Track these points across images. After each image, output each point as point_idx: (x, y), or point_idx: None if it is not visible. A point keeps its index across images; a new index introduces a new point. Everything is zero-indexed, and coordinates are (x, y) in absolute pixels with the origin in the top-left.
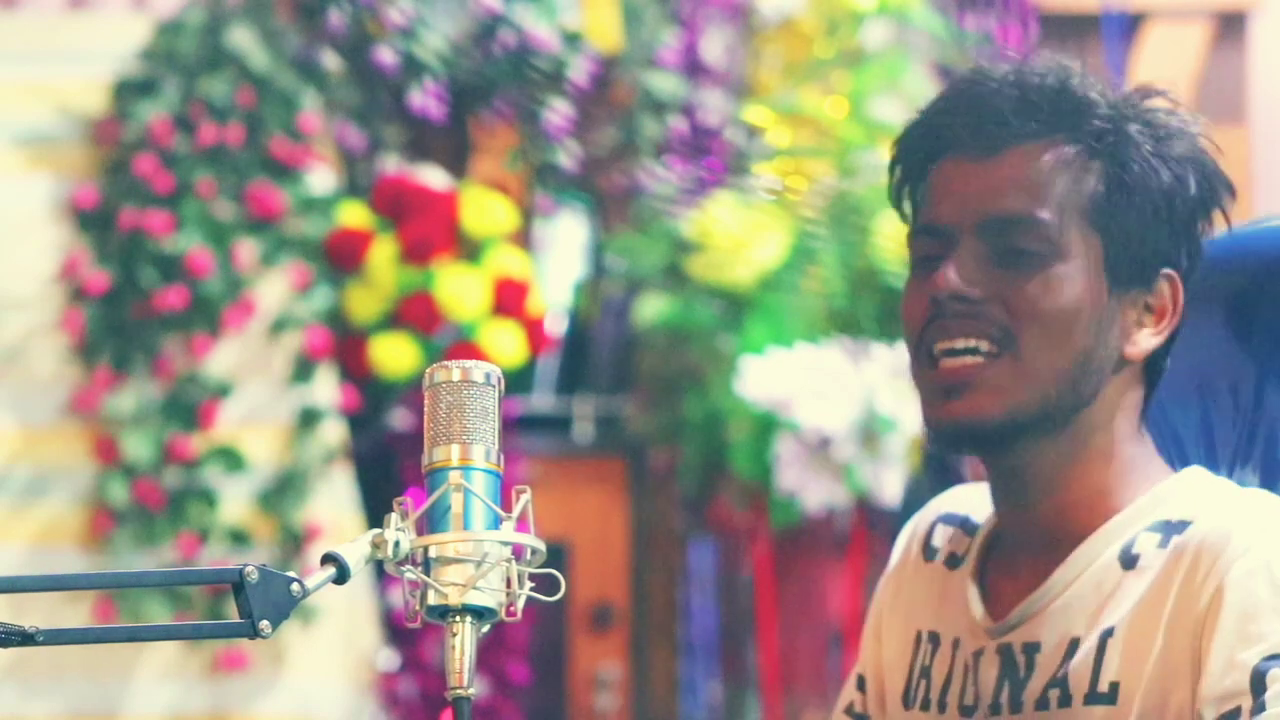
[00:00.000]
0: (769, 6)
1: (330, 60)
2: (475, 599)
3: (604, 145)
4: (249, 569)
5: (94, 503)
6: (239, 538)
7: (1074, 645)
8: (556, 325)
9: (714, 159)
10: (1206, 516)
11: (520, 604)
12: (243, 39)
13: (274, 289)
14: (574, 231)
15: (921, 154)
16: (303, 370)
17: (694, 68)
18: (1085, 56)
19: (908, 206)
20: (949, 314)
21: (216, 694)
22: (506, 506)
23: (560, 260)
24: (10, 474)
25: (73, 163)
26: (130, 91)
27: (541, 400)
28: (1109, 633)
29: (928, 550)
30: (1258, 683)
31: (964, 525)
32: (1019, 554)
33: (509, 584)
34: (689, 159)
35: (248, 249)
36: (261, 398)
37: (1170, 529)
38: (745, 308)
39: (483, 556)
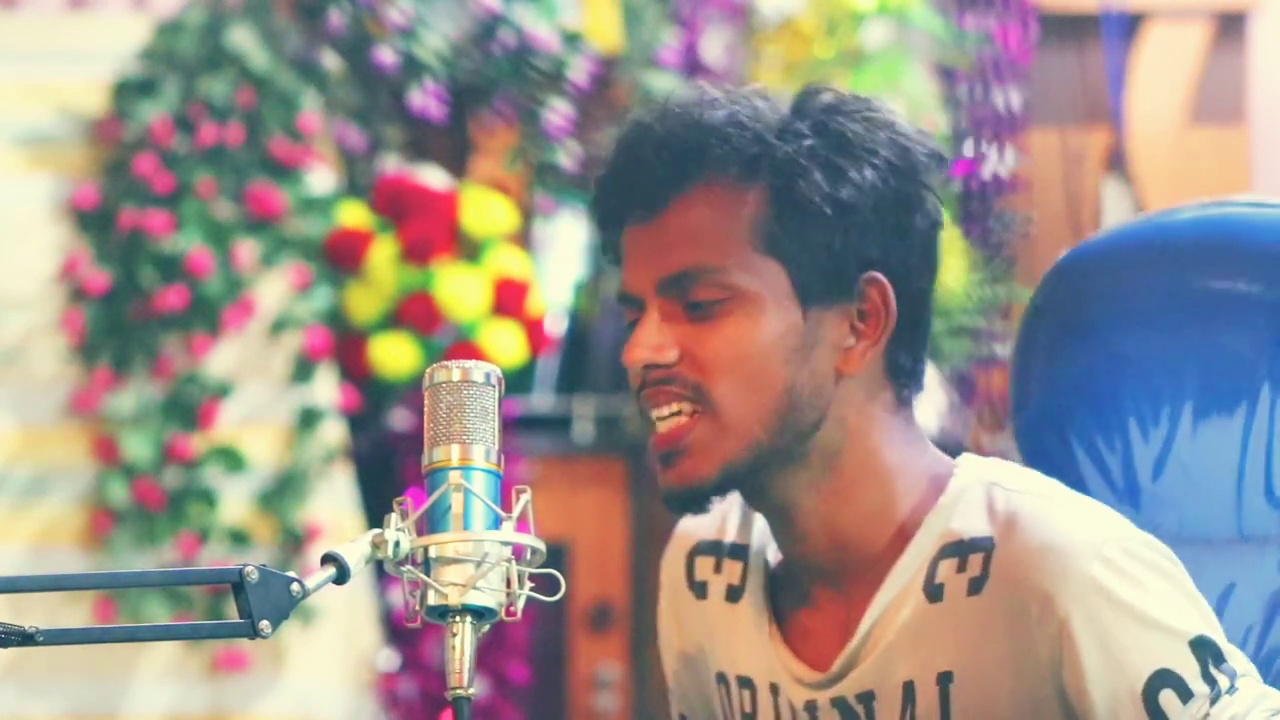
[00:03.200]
0: (769, 6)
1: (330, 60)
2: (475, 599)
3: (604, 145)
4: (249, 569)
5: (94, 503)
6: (239, 538)
7: (910, 689)
8: (556, 325)
9: None
10: (1005, 537)
11: (520, 604)
12: (243, 39)
13: (274, 289)
14: (574, 231)
15: (610, 224)
16: (303, 370)
17: (694, 68)
18: (1085, 56)
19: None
20: (648, 383)
21: (216, 694)
22: (506, 506)
23: (560, 260)
24: (10, 474)
25: (73, 163)
26: (130, 91)
27: (541, 400)
28: (947, 677)
29: (695, 588)
30: (1154, 710)
31: (724, 551)
32: (810, 586)
33: (509, 584)
34: None
35: (248, 249)
36: (261, 398)
37: (965, 550)
38: None
39: (483, 556)
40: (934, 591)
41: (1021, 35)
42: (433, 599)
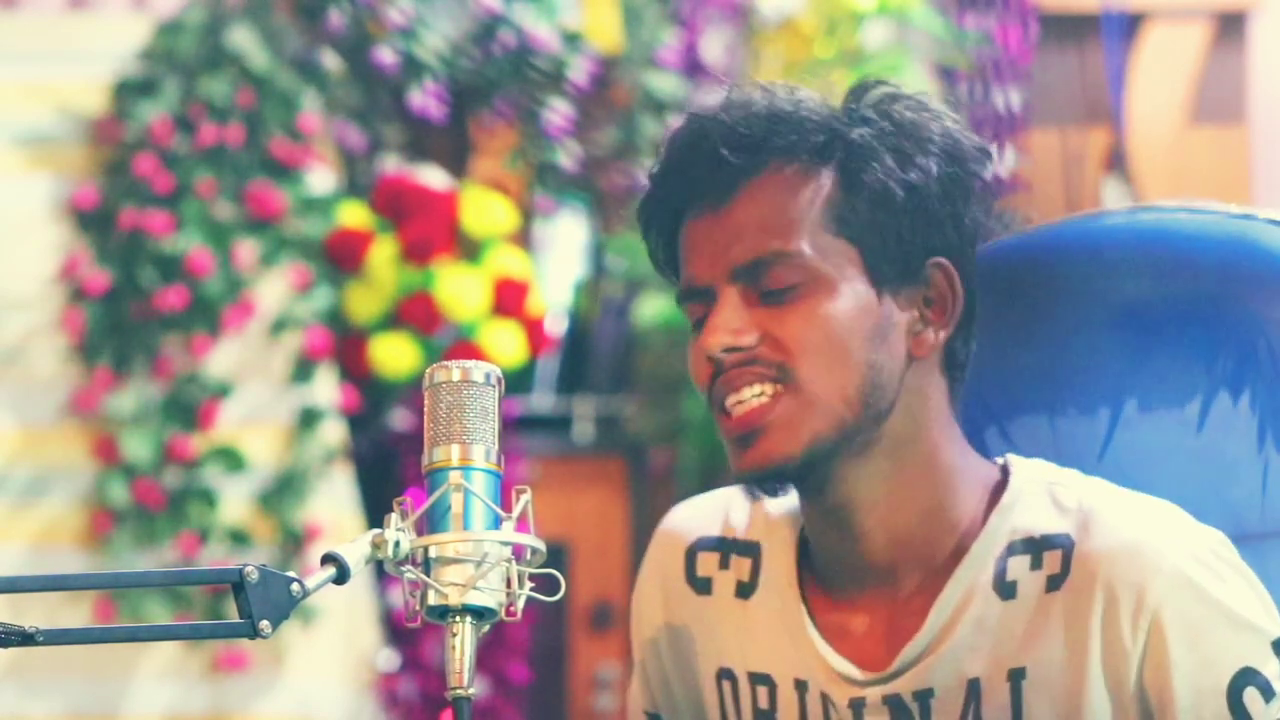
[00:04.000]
0: (769, 6)
1: (330, 60)
2: (475, 599)
3: (604, 145)
4: (249, 569)
5: (94, 503)
6: (239, 538)
7: (974, 686)
8: (556, 325)
9: None
10: (1085, 534)
11: (520, 604)
12: (243, 39)
13: (274, 289)
14: (574, 231)
15: (665, 220)
16: (303, 370)
17: (694, 68)
18: (1085, 56)
19: (670, 272)
20: (727, 367)
21: (216, 694)
22: (506, 506)
23: (560, 260)
24: (10, 474)
25: (73, 163)
26: (130, 91)
27: (541, 400)
28: (1020, 674)
29: (695, 583)
30: (1238, 707)
31: (731, 547)
32: (849, 584)
33: (509, 584)
34: None
35: (248, 249)
36: (261, 398)
37: (1038, 547)
38: None
39: (483, 556)
40: (1006, 589)
41: (1021, 35)
42: (433, 599)
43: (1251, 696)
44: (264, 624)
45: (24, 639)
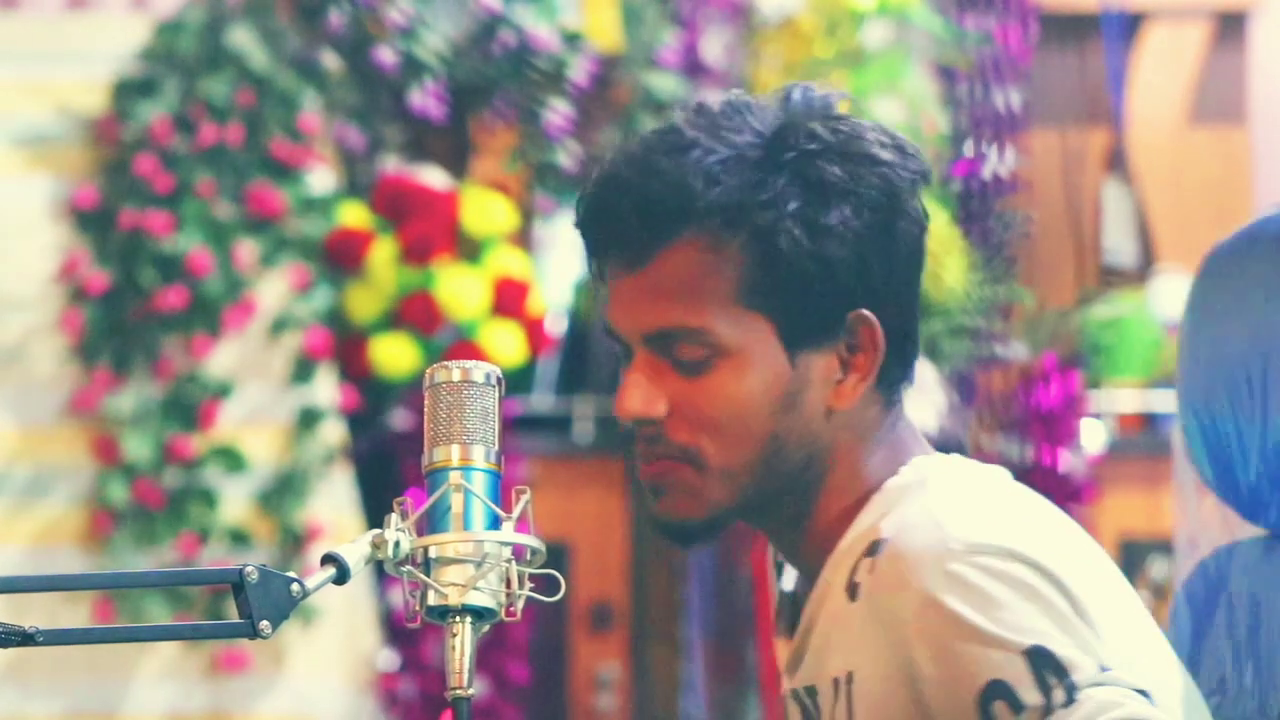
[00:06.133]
0: (769, 6)
1: (330, 60)
2: (475, 599)
3: (604, 145)
4: (249, 569)
5: (94, 503)
6: (239, 538)
7: (837, 686)
8: (556, 325)
9: None
10: (889, 541)
11: (520, 604)
12: (243, 39)
13: (274, 289)
14: (574, 231)
15: (590, 249)
16: (303, 370)
17: (694, 68)
18: (1085, 56)
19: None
20: (638, 438)
21: (216, 694)
22: (506, 507)
23: (560, 260)
24: (10, 474)
25: (73, 163)
26: (130, 91)
27: (541, 400)
28: (850, 678)
29: (775, 567)
30: None
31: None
32: (802, 576)
33: (509, 584)
34: None
35: (248, 249)
36: (261, 398)
37: (876, 550)
38: None
39: (483, 557)
40: (853, 590)
41: (1021, 35)
42: (433, 599)
43: (1000, 709)
44: (264, 624)
45: (24, 639)
